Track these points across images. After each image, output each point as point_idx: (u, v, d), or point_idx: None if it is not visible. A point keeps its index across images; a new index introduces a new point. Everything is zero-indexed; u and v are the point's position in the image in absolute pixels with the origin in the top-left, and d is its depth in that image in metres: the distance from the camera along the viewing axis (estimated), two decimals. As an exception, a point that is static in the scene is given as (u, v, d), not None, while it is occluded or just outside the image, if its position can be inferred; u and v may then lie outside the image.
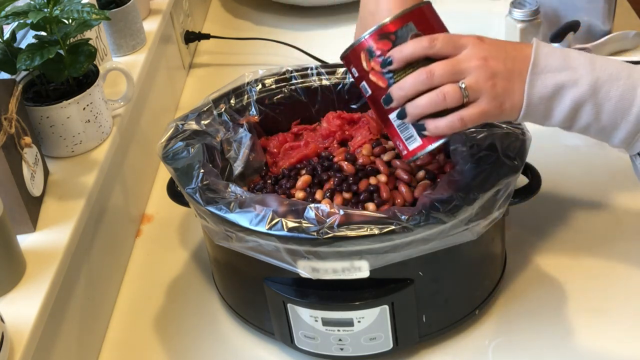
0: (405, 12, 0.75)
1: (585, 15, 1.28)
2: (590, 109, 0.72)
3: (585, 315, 0.88)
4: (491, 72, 0.72)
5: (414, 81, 0.73)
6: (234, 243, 0.78)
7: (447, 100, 0.72)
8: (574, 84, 0.72)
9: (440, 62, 0.73)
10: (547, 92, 0.72)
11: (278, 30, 1.53)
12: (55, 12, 0.89)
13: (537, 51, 0.73)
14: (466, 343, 0.87)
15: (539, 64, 0.72)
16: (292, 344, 0.86)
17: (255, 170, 0.93)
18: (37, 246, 0.83)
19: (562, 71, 0.72)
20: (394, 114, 0.75)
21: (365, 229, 0.73)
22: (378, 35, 0.75)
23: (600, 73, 0.72)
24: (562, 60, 0.73)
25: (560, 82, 0.72)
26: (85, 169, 0.93)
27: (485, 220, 0.78)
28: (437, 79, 0.72)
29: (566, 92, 0.72)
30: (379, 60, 0.75)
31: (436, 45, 0.73)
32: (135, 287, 1.02)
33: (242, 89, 0.98)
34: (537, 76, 0.72)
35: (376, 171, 0.85)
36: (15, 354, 0.70)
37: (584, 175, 1.07)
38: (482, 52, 0.73)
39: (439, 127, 0.73)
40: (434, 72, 0.72)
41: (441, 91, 0.72)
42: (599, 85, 0.72)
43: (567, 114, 0.73)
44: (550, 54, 0.73)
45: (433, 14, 0.78)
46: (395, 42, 0.74)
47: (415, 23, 0.75)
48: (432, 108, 0.73)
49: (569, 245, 0.97)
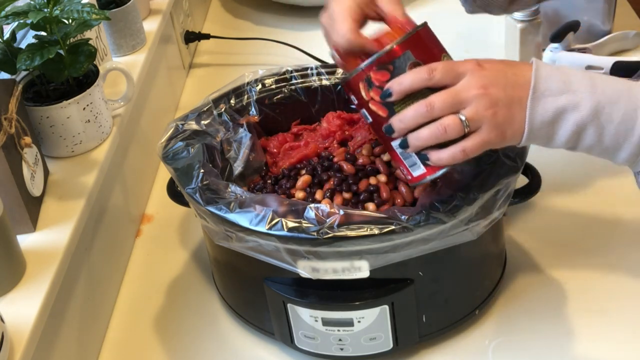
0: (402, 41, 0.74)
1: (585, 15, 1.28)
2: (593, 132, 0.72)
3: (585, 316, 0.88)
4: (491, 101, 0.71)
5: (414, 114, 0.72)
6: (234, 243, 0.78)
7: (447, 133, 0.71)
8: (574, 108, 0.71)
9: (440, 94, 0.72)
10: (548, 117, 0.72)
11: (278, 30, 1.53)
12: (55, 12, 0.89)
13: (536, 74, 0.72)
14: (466, 343, 0.87)
15: (539, 88, 0.72)
16: (292, 344, 0.86)
17: (255, 170, 0.93)
18: (37, 246, 0.83)
19: (562, 94, 0.72)
20: (396, 142, 0.75)
21: (365, 229, 0.73)
22: (375, 66, 0.74)
23: (601, 96, 0.71)
24: (562, 83, 0.72)
25: (561, 106, 0.71)
26: (85, 169, 0.93)
27: (485, 220, 0.78)
28: (437, 111, 0.71)
29: (567, 116, 0.71)
30: (379, 91, 0.74)
31: (435, 77, 0.72)
32: (135, 287, 1.02)
33: (242, 89, 0.97)
34: (538, 101, 0.72)
35: (376, 171, 0.85)
36: (15, 354, 0.70)
37: (584, 176, 1.07)
38: (482, 79, 0.72)
39: (441, 159, 0.73)
40: (433, 105, 0.71)
41: (442, 124, 0.71)
42: (600, 108, 0.71)
43: (570, 137, 0.72)
44: (550, 77, 0.72)
45: (430, 37, 0.76)
46: (394, 72, 0.73)
47: (412, 51, 0.74)
48: (433, 140, 0.72)
49: (569, 246, 0.97)
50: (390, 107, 0.74)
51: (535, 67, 0.73)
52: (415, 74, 0.72)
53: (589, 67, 1.21)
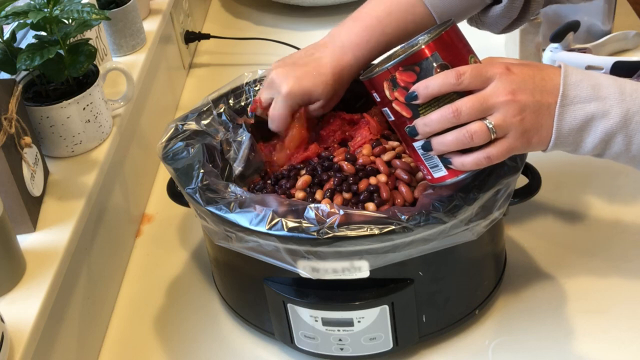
0: (430, 41, 0.72)
1: (585, 15, 1.28)
2: (621, 140, 0.71)
3: (585, 316, 0.88)
4: (519, 107, 0.70)
5: (440, 119, 0.71)
6: (234, 243, 0.78)
7: (474, 140, 0.71)
8: (604, 115, 0.70)
9: (468, 100, 0.71)
10: (577, 124, 0.71)
11: (278, 30, 1.53)
12: (55, 12, 0.89)
13: (565, 81, 0.71)
14: (466, 343, 0.87)
15: (568, 95, 0.71)
16: (292, 344, 0.86)
17: (255, 170, 0.93)
18: (37, 246, 0.83)
19: (591, 101, 0.71)
20: (418, 143, 0.75)
21: (365, 229, 0.73)
22: (402, 66, 0.72)
23: (631, 104, 0.70)
24: (592, 90, 0.71)
25: (590, 113, 0.71)
26: (85, 169, 0.93)
27: (485, 220, 0.77)
28: (464, 117, 0.70)
29: (596, 123, 0.71)
30: (404, 92, 0.73)
31: (464, 82, 0.70)
32: (135, 287, 1.02)
33: (241, 89, 0.97)
34: (567, 108, 0.71)
35: (376, 171, 0.85)
36: (15, 354, 0.70)
37: (584, 176, 1.07)
38: (510, 85, 0.70)
39: (465, 164, 0.73)
40: (460, 111, 0.70)
41: (468, 131, 0.70)
42: (629, 116, 0.70)
43: (597, 144, 0.72)
44: (579, 83, 0.71)
45: (458, 37, 0.74)
46: (420, 74, 0.72)
47: (440, 52, 0.72)
48: (458, 146, 0.72)
49: (569, 246, 0.97)
50: (415, 109, 0.73)
51: (564, 72, 0.72)
52: (443, 79, 0.71)
53: (589, 67, 1.21)
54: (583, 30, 1.27)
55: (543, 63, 0.74)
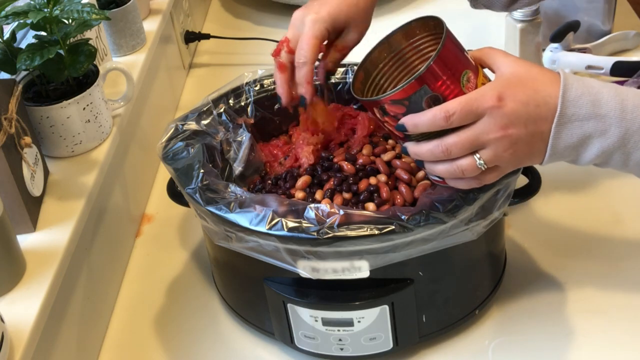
0: (418, 76, 0.70)
1: (585, 15, 1.28)
2: (619, 157, 0.71)
3: (585, 316, 0.88)
4: (511, 141, 0.70)
5: (430, 153, 0.72)
6: (234, 243, 0.78)
7: (464, 174, 0.72)
8: (601, 134, 0.69)
9: (458, 139, 0.70)
10: (574, 142, 0.70)
11: (278, 30, 1.53)
12: (55, 12, 0.89)
13: (564, 97, 0.69)
14: (466, 343, 0.87)
15: (566, 114, 0.69)
16: (292, 344, 0.86)
17: (255, 170, 0.93)
18: (37, 246, 0.83)
19: (590, 120, 0.69)
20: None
21: (365, 229, 0.73)
22: (390, 101, 0.72)
23: (630, 123, 0.69)
24: (591, 106, 0.69)
25: (588, 132, 0.69)
26: (85, 169, 0.93)
27: (485, 220, 0.78)
28: (454, 155, 0.71)
29: (593, 141, 0.70)
30: (394, 120, 0.73)
31: (453, 123, 0.69)
32: (135, 287, 1.02)
33: (241, 89, 0.97)
34: (564, 126, 0.70)
35: (376, 171, 0.85)
36: (15, 354, 0.70)
37: (584, 176, 1.07)
38: (502, 119, 0.69)
39: (457, 185, 0.74)
40: (451, 150, 0.70)
41: (459, 167, 0.71)
42: (628, 136, 0.69)
43: (594, 160, 0.72)
44: (578, 100, 0.69)
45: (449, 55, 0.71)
46: (409, 107, 0.71)
47: (429, 84, 0.70)
48: (449, 176, 0.73)
49: (569, 245, 0.97)
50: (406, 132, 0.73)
51: (563, 87, 0.69)
52: (431, 120, 0.70)
53: (589, 67, 1.21)
54: (583, 30, 1.27)
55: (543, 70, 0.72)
